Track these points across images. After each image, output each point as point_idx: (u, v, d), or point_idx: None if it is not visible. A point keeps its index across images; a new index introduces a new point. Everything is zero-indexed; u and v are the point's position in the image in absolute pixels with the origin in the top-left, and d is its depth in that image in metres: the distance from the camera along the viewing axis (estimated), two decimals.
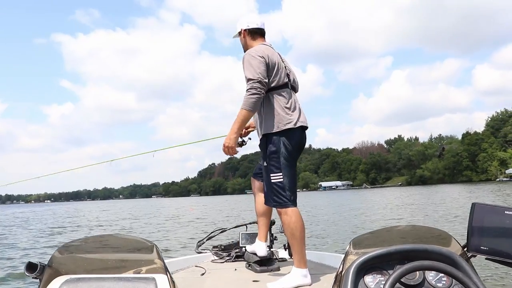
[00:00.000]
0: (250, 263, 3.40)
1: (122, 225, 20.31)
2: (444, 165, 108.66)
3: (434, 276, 1.55)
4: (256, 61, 2.87)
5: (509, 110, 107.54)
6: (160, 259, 1.60)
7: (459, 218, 14.50)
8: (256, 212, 3.41)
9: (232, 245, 3.98)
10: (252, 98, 2.81)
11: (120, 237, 1.84)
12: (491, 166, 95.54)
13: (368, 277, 1.56)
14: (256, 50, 2.95)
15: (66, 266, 1.49)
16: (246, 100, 2.82)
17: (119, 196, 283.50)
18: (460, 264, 1.45)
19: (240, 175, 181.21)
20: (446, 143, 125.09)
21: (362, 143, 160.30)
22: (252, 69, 2.85)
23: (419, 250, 1.54)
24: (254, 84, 2.81)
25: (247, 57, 2.93)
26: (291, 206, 2.87)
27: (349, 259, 1.65)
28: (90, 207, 59.39)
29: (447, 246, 1.63)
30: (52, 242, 13.24)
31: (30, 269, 1.47)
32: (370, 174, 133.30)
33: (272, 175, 2.90)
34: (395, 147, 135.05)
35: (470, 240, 1.65)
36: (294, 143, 2.96)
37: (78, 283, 1.39)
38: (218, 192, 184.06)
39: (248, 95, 2.81)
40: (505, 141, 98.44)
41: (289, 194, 2.88)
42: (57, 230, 18.47)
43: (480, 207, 1.66)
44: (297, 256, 2.85)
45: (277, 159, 2.89)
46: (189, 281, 3.04)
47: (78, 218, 29.02)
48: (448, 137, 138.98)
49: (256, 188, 3.39)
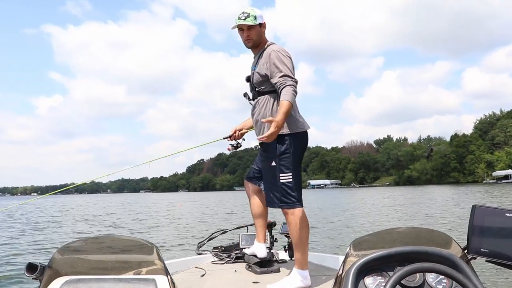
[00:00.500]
0: (250, 264, 3.38)
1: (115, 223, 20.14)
2: (432, 166, 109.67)
3: (434, 278, 1.55)
4: (288, 61, 2.85)
5: (497, 113, 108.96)
6: (160, 260, 1.60)
7: (451, 219, 14.63)
8: (252, 214, 3.40)
9: (232, 246, 3.96)
10: (294, 94, 2.76)
11: (120, 238, 1.85)
12: (478, 168, 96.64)
13: (368, 279, 1.57)
14: (284, 50, 2.92)
15: (66, 267, 1.49)
16: (290, 93, 2.73)
17: (107, 190, 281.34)
18: (460, 266, 1.45)
19: (229, 171, 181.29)
20: (435, 145, 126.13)
21: (351, 142, 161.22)
22: (286, 67, 2.81)
23: (419, 252, 1.54)
24: (294, 82, 2.78)
25: (277, 54, 2.86)
26: (298, 206, 2.85)
27: (349, 260, 1.65)
28: (78, 201, 58.83)
29: (447, 248, 1.63)
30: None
31: (30, 270, 1.48)
32: (358, 173, 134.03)
33: (282, 175, 2.86)
34: (384, 147, 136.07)
35: (471, 242, 1.66)
36: (302, 145, 2.97)
37: (78, 284, 1.40)
38: (207, 188, 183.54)
39: (292, 90, 2.75)
40: (493, 144, 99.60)
41: (297, 194, 2.86)
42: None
43: (480, 209, 1.67)
44: (299, 257, 2.84)
45: (287, 160, 2.86)
46: (189, 282, 3.03)
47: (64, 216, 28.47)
48: (437, 138, 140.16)
49: (251, 191, 3.37)
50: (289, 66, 2.83)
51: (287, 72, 2.79)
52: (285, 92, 2.73)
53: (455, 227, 12.26)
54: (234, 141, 3.48)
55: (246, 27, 2.96)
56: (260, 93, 3.01)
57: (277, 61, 2.82)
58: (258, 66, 2.97)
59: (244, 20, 2.92)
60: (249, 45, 3.05)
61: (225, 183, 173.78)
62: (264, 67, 2.90)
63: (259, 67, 2.96)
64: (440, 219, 15.18)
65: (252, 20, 2.93)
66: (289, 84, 2.75)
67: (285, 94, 2.72)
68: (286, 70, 2.79)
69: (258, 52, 3.06)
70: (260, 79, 2.95)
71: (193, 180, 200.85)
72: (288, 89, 2.73)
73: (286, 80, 2.76)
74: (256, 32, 2.99)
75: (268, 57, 2.88)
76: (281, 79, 2.78)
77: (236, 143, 3.47)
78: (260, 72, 2.93)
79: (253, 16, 2.93)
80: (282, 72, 2.79)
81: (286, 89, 2.74)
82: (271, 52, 2.88)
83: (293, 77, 2.80)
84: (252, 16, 2.93)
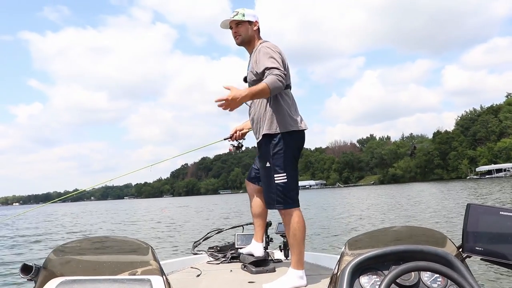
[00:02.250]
0: (246, 264, 3.37)
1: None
2: (415, 163, 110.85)
3: (430, 276, 1.56)
4: (277, 55, 2.80)
5: (477, 109, 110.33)
6: (155, 260, 1.60)
7: (441, 218, 14.47)
8: (252, 213, 3.40)
9: (227, 246, 3.97)
10: (278, 82, 2.64)
11: (115, 239, 1.80)
12: (461, 164, 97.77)
13: (364, 278, 1.57)
14: (274, 46, 2.89)
15: (61, 268, 1.49)
16: (271, 79, 2.63)
17: (91, 197, 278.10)
18: (455, 265, 1.46)
19: (213, 175, 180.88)
20: (417, 142, 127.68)
21: (335, 142, 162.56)
22: (273, 60, 2.75)
23: (414, 251, 1.54)
24: (280, 73, 2.67)
25: (265, 49, 2.84)
26: (294, 207, 2.84)
27: (345, 260, 1.66)
28: (64, 210, 57.57)
29: (442, 247, 1.64)
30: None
31: (25, 270, 1.46)
32: (343, 173, 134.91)
33: (276, 175, 2.83)
34: (368, 146, 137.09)
35: (465, 241, 1.66)
36: (298, 145, 2.93)
37: (74, 284, 1.40)
38: (192, 192, 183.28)
39: (275, 77, 2.64)
40: (474, 140, 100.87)
41: (292, 195, 2.84)
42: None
43: (475, 207, 1.67)
44: (295, 257, 2.82)
45: (281, 160, 2.83)
46: (185, 282, 3.03)
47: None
48: (419, 136, 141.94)
49: (251, 190, 3.37)
50: (278, 60, 2.78)
51: (275, 65, 2.73)
52: (268, 78, 2.66)
53: (445, 226, 12.07)
54: (235, 142, 3.53)
55: (234, 24, 3.02)
56: None
57: (264, 56, 2.80)
58: (251, 65, 2.99)
59: (232, 18, 3.01)
60: (238, 41, 3.07)
61: (210, 187, 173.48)
62: (256, 64, 2.89)
63: (251, 66, 2.98)
64: (430, 218, 15.02)
65: (240, 17, 3.00)
66: (275, 73, 2.68)
67: (266, 78, 2.67)
68: (270, 63, 2.74)
69: (251, 52, 3.06)
70: (254, 78, 2.92)
71: (177, 185, 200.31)
72: (271, 76, 2.67)
73: (272, 70, 2.70)
74: (244, 29, 3.03)
75: (258, 53, 2.88)
76: (269, 71, 2.72)
77: (238, 143, 3.51)
78: (253, 71, 2.92)
79: (241, 13, 3.00)
80: (270, 65, 2.74)
81: (270, 76, 2.67)
82: (260, 48, 2.90)
83: (280, 69, 2.72)
84: (240, 14, 3.00)
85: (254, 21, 3.04)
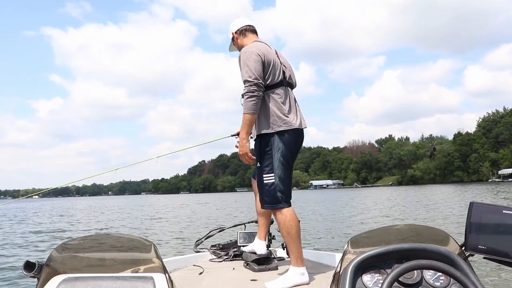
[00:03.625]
0: (248, 262, 3.39)
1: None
2: (435, 165, 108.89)
3: (432, 275, 1.56)
4: (252, 60, 2.83)
5: (500, 111, 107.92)
6: (158, 258, 1.60)
7: (455, 217, 14.25)
8: (256, 211, 3.43)
9: (230, 244, 3.99)
10: (251, 101, 2.77)
11: (118, 236, 1.81)
12: (482, 166, 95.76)
13: (366, 276, 1.57)
14: (251, 48, 2.91)
15: (64, 265, 1.48)
16: (246, 104, 2.79)
17: (108, 192, 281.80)
18: (458, 263, 1.47)
19: (230, 172, 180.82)
20: (437, 144, 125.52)
21: (353, 142, 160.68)
22: (248, 69, 2.81)
23: (417, 249, 1.55)
24: (251, 88, 2.77)
25: (242, 55, 2.89)
26: (284, 207, 2.85)
27: (347, 258, 1.66)
28: (82, 204, 58.13)
29: (445, 245, 1.64)
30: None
31: (28, 268, 1.46)
32: (361, 173, 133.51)
33: (265, 175, 2.89)
34: (386, 147, 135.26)
35: (468, 239, 1.65)
36: (289, 144, 2.91)
37: (76, 282, 1.40)
38: (208, 189, 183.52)
39: (247, 99, 2.78)
40: (497, 142, 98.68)
41: (280, 195, 2.85)
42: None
43: (478, 206, 1.66)
44: (293, 255, 2.85)
45: (269, 160, 2.87)
46: (187, 280, 3.03)
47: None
48: (439, 137, 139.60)
49: (256, 188, 3.36)
50: (251, 66, 2.81)
51: (245, 76, 2.81)
52: (244, 104, 2.81)
53: (457, 226, 11.77)
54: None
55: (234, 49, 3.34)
56: None
57: (242, 66, 2.87)
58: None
59: (229, 46, 3.37)
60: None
61: (227, 184, 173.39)
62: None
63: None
64: (444, 218, 14.78)
65: (231, 46, 3.33)
66: (246, 92, 2.79)
67: (244, 107, 2.81)
68: (245, 74, 2.82)
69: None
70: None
71: (194, 181, 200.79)
72: (245, 100, 2.80)
73: (245, 88, 2.81)
74: (236, 46, 3.27)
75: (239, 62, 2.95)
76: (244, 87, 2.82)
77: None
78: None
79: (230, 39, 3.28)
80: (243, 78, 2.84)
81: (244, 100, 2.80)
82: (239, 56, 2.96)
83: (251, 80, 2.78)
84: (230, 41, 3.29)
85: (234, 32, 3.20)
